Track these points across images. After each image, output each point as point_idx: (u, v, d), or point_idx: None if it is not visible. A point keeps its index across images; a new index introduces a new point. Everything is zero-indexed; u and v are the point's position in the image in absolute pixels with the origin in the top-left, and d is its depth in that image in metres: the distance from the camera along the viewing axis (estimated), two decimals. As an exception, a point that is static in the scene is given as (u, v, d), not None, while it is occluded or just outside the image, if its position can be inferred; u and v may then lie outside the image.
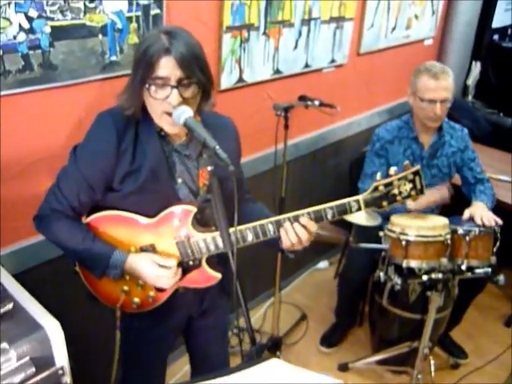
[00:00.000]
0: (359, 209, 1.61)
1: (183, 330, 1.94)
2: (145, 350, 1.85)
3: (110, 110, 1.56)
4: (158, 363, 1.94)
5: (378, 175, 1.62)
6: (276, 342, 2.94)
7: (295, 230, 1.58)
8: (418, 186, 1.61)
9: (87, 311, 1.79)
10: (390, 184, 1.59)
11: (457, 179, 2.86)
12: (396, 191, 1.60)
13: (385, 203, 1.61)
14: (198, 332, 1.94)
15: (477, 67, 4.52)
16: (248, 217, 1.61)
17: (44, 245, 1.94)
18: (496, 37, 5.31)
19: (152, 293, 1.66)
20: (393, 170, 1.61)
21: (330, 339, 3.11)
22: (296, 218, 1.58)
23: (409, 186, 1.60)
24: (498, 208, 2.62)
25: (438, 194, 2.58)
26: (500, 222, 2.38)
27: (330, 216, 1.60)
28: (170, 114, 1.46)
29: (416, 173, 1.60)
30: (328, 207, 1.60)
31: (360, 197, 1.60)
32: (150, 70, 1.42)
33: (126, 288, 1.65)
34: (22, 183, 1.91)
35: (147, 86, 1.44)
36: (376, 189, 1.60)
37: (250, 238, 1.59)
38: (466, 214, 2.47)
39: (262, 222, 1.60)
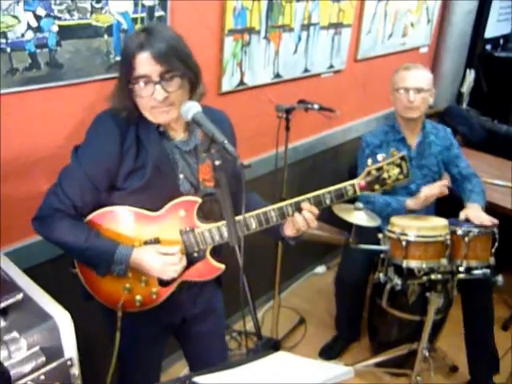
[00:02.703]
0: (355, 192, 1.71)
1: (177, 333, 1.94)
2: (136, 349, 1.84)
3: (110, 110, 1.58)
4: (152, 362, 1.94)
5: (369, 161, 1.73)
6: (275, 345, 2.95)
7: (304, 216, 1.64)
8: (405, 170, 1.74)
9: (83, 311, 1.78)
10: (380, 168, 1.72)
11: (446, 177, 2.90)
12: (386, 175, 1.73)
13: (377, 186, 1.73)
14: (195, 338, 1.94)
15: (471, 75, 4.59)
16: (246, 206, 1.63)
17: (42, 244, 1.96)
18: (488, 47, 5.39)
19: (155, 289, 1.66)
20: (381, 156, 1.73)
21: (330, 352, 3.08)
22: (297, 204, 1.65)
23: (397, 170, 1.73)
24: (494, 211, 2.65)
25: (437, 188, 2.59)
26: (496, 221, 2.43)
27: (328, 201, 1.70)
28: (159, 107, 1.49)
29: (402, 158, 1.73)
30: (326, 192, 1.69)
31: (355, 181, 1.71)
32: (129, 69, 1.45)
33: (128, 286, 1.65)
34: (24, 181, 1.91)
35: (131, 85, 1.47)
36: (369, 173, 1.72)
37: (253, 225, 1.63)
38: (462, 216, 2.50)
39: (265, 209, 1.64)
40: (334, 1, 2.97)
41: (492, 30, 5.25)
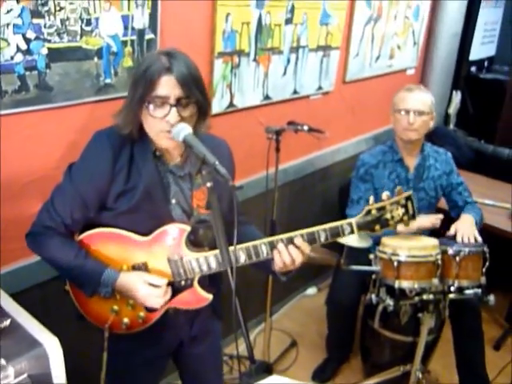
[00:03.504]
0: (352, 232, 1.63)
1: (173, 355, 1.91)
2: (134, 372, 1.81)
3: (107, 129, 1.57)
4: None
5: (371, 199, 1.64)
6: (267, 368, 2.91)
7: (289, 251, 1.58)
8: (410, 212, 1.65)
9: (76, 334, 1.75)
10: (382, 208, 1.63)
11: (442, 202, 2.91)
12: (388, 216, 1.64)
13: (377, 227, 1.64)
14: (191, 360, 1.91)
15: (457, 96, 4.65)
16: (241, 238, 1.58)
17: (36, 267, 1.94)
18: (473, 68, 5.49)
19: (142, 313, 1.64)
20: (385, 194, 1.64)
21: (322, 374, 3.05)
22: (290, 240, 1.59)
23: (401, 210, 1.64)
24: (484, 230, 2.66)
25: (429, 222, 2.60)
26: (480, 239, 2.44)
27: (323, 238, 1.62)
28: (168, 132, 1.47)
29: (408, 198, 1.64)
30: (321, 229, 1.61)
31: (353, 220, 1.63)
32: (150, 88, 1.44)
33: (115, 307, 1.63)
34: (16, 205, 1.89)
35: (146, 104, 1.46)
36: (369, 212, 1.63)
37: (242, 258, 1.59)
38: (452, 228, 2.52)
39: (255, 242, 1.59)
40: (322, 24, 3.00)
41: (477, 52, 5.35)
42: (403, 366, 2.64)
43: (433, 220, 2.58)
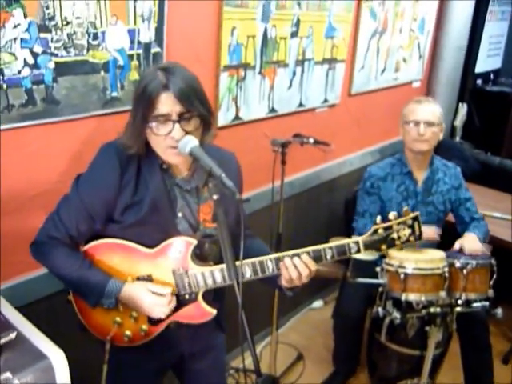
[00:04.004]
0: (358, 251, 1.62)
1: (176, 370, 1.91)
2: None
3: (114, 141, 1.57)
4: None
5: (378, 219, 1.63)
6: (273, 382, 2.89)
7: (296, 266, 1.57)
8: (417, 232, 1.64)
9: (81, 347, 1.75)
10: (389, 228, 1.62)
11: (450, 216, 2.89)
12: (395, 235, 1.63)
13: (383, 247, 1.63)
14: (194, 374, 1.89)
15: (463, 109, 4.64)
16: (247, 252, 1.57)
17: (41, 280, 1.94)
18: (479, 81, 5.49)
19: (145, 326, 1.63)
20: (392, 214, 1.63)
21: None
22: (296, 256, 1.58)
23: (408, 231, 1.63)
24: (492, 243, 2.65)
25: (433, 233, 2.60)
26: (487, 252, 2.43)
27: (329, 256, 1.60)
28: (174, 147, 1.47)
29: (415, 218, 1.63)
30: (328, 247, 1.60)
31: (360, 239, 1.62)
32: (150, 108, 1.44)
33: (118, 319, 1.63)
34: (21, 218, 1.90)
35: (149, 123, 1.46)
36: (376, 232, 1.62)
37: (248, 274, 1.59)
38: (457, 245, 2.51)
39: (262, 258, 1.59)
40: (328, 37, 3.02)
41: (482, 64, 5.36)
42: (410, 380, 2.61)
43: (434, 232, 2.57)
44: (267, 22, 2.58)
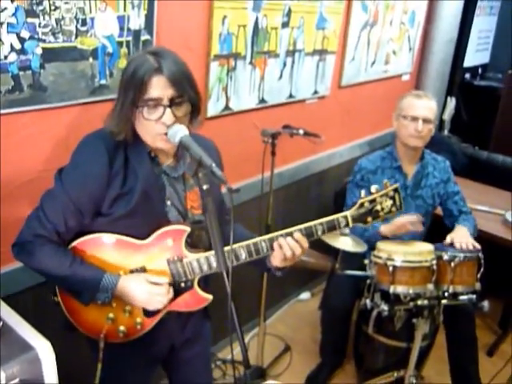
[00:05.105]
0: (347, 224, 1.69)
1: (165, 360, 1.88)
2: (125, 378, 1.77)
3: (98, 132, 1.54)
4: None
5: (362, 193, 1.71)
6: (260, 373, 2.89)
7: (289, 245, 1.61)
8: (398, 203, 1.73)
9: (68, 339, 1.73)
10: (373, 200, 1.71)
11: (438, 209, 2.90)
12: (379, 207, 1.71)
13: (369, 219, 1.71)
14: (182, 364, 1.89)
15: (452, 103, 4.66)
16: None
17: (27, 270, 1.91)
18: (468, 75, 5.52)
19: (139, 319, 1.61)
20: (374, 187, 1.72)
21: (316, 380, 3.02)
22: (289, 235, 1.63)
23: (389, 202, 1.72)
24: (479, 237, 2.66)
25: (409, 219, 2.56)
26: (478, 246, 2.43)
27: (320, 232, 1.67)
28: (164, 134, 1.45)
29: (395, 190, 1.72)
30: (318, 223, 1.66)
31: (347, 213, 1.69)
32: (141, 91, 1.41)
33: (111, 315, 1.59)
34: (7, 207, 1.86)
35: (139, 107, 1.43)
36: (361, 205, 1.70)
37: (243, 256, 1.60)
38: (448, 239, 2.51)
39: (255, 239, 1.61)
40: (319, 28, 3.00)
41: (471, 59, 5.39)
42: (397, 372, 2.63)
43: (413, 219, 2.54)
44: (258, 12, 2.55)
